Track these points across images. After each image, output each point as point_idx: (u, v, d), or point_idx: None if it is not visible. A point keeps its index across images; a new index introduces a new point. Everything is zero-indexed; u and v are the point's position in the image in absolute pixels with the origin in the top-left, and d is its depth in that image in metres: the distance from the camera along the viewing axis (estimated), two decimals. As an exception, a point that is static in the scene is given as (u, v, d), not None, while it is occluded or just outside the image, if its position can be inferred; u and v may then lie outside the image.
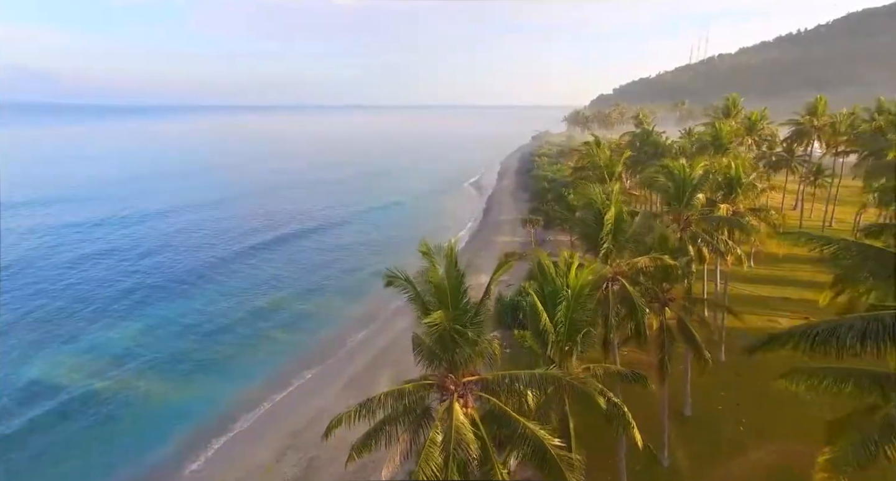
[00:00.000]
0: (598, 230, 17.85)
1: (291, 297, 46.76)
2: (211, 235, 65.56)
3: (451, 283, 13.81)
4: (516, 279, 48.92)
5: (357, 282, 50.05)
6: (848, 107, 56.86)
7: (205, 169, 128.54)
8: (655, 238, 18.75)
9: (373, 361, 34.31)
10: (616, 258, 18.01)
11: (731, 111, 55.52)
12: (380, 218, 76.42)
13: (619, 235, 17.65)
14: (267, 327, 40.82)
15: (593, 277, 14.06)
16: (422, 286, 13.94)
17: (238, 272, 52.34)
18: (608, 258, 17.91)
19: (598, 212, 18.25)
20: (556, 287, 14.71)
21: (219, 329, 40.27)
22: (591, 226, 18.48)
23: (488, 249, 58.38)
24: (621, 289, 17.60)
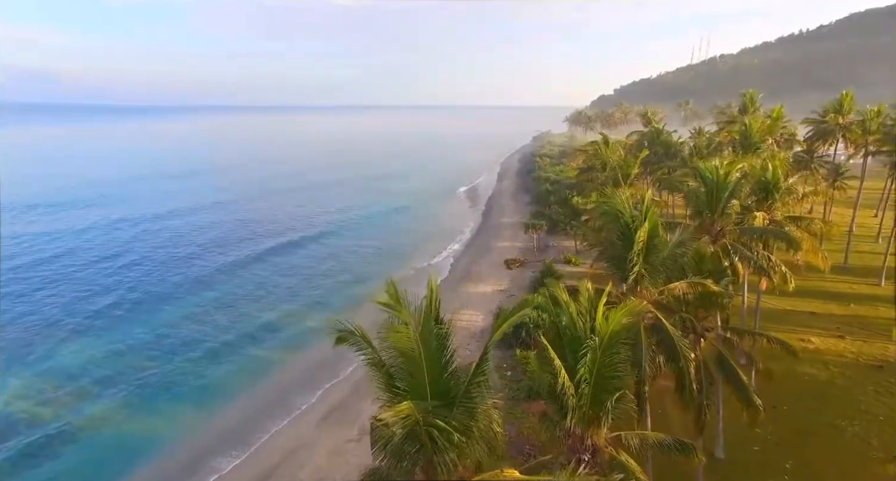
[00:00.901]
0: (626, 249, 14.27)
1: (280, 312, 43.08)
2: (200, 243, 61.55)
3: (429, 351, 9.86)
4: (518, 287, 45.42)
5: (351, 298, 46.36)
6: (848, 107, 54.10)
7: (201, 171, 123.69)
8: (689, 255, 15.20)
9: (356, 389, 30.73)
10: (648, 285, 14.44)
11: (748, 108, 51.97)
12: (376, 225, 72.11)
13: (652, 256, 14.11)
14: (250, 345, 37.26)
15: (629, 319, 10.37)
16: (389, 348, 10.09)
17: (219, 284, 48.58)
18: (638, 284, 14.38)
19: (625, 226, 14.63)
20: (577, 332, 11.01)
21: (194, 347, 36.75)
22: (616, 244, 14.88)
23: (488, 256, 54.87)
24: (655, 323, 14.09)
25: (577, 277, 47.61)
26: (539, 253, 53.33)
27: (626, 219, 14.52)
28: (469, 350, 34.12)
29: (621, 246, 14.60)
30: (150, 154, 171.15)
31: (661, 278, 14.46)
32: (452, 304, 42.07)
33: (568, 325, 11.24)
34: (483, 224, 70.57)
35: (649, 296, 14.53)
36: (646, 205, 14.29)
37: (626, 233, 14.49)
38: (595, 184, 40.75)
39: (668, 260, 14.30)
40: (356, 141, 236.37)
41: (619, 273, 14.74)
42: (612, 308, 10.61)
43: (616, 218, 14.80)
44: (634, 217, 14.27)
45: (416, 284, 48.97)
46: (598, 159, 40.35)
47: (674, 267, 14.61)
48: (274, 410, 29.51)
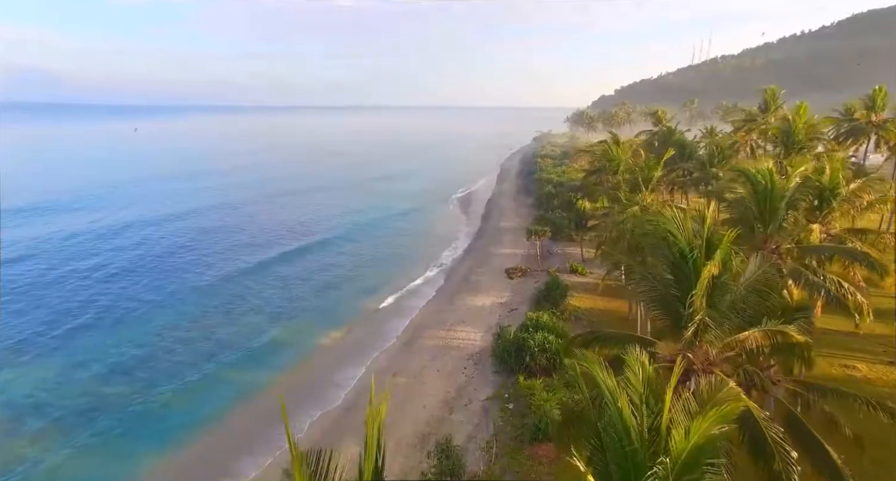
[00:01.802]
0: (681, 287, 10.39)
1: (261, 329, 39.08)
2: (183, 253, 57.17)
3: None
4: (520, 300, 41.55)
5: (338, 311, 42.38)
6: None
7: (198, 173, 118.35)
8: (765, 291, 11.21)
9: (336, 426, 26.84)
10: (713, 337, 10.46)
11: (770, 106, 48.20)
12: (372, 233, 67.22)
13: (718, 297, 10.24)
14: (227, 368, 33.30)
15: (723, 427, 6.37)
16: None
17: (190, 299, 44.49)
18: (699, 337, 10.45)
19: (679, 256, 10.74)
20: (629, 443, 6.75)
21: (162, 369, 32.88)
22: (664, 279, 10.91)
23: (488, 264, 51.02)
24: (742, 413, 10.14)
25: (584, 289, 43.86)
26: (542, 261, 49.51)
27: (681, 247, 10.47)
28: (465, 374, 30.35)
29: (672, 282, 10.71)
30: (147, 155, 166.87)
31: (727, 326, 10.56)
32: (448, 320, 38.32)
33: (614, 426, 7.17)
34: (482, 228, 66.76)
35: (712, 352, 10.61)
36: (707, 226, 10.35)
37: (680, 265, 10.51)
38: (604, 187, 37.02)
39: (739, 302, 10.46)
40: (356, 142, 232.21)
41: (669, 318, 10.86)
42: (680, 390, 6.75)
43: (664, 242, 10.79)
44: (694, 244, 10.23)
45: (413, 296, 45.36)
46: (609, 160, 36.58)
47: (745, 309, 10.69)
48: (254, 446, 25.52)
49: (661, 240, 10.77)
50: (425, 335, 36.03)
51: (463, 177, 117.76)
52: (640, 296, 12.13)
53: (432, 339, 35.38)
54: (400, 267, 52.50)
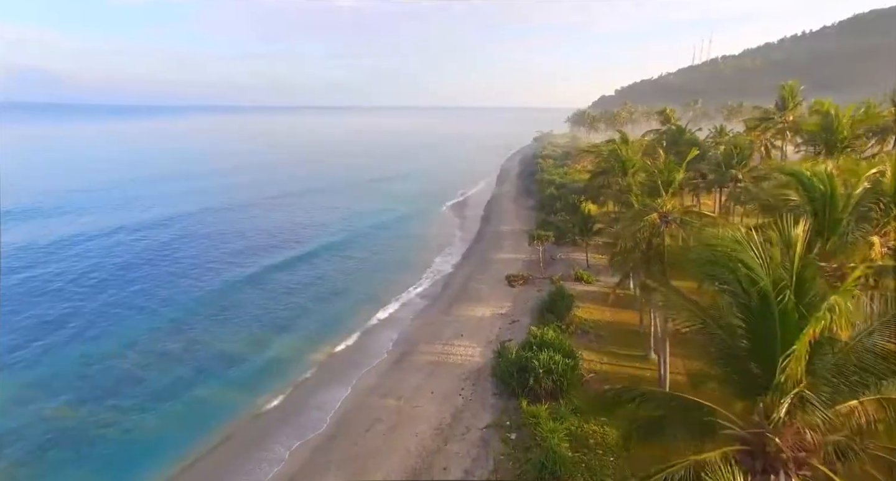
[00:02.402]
0: (757, 340, 7.30)
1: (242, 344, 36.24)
2: (159, 260, 54.21)
3: None
4: (521, 310, 38.74)
5: (325, 324, 39.53)
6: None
7: (196, 174, 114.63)
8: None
9: (319, 456, 24.00)
10: (812, 412, 7.42)
11: (787, 103, 45.35)
12: (366, 237, 64.09)
13: (819, 359, 7.15)
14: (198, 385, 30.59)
15: None
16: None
17: (171, 312, 41.49)
18: (792, 415, 7.45)
19: (759, 299, 7.55)
20: None
21: (127, 388, 30.10)
22: (733, 328, 7.67)
23: (487, 271, 48.22)
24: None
25: (590, 298, 40.99)
26: (545, 267, 46.73)
27: (762, 286, 7.30)
28: (462, 397, 27.54)
29: (743, 330, 7.61)
30: (145, 155, 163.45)
31: (827, 394, 7.53)
32: (444, 333, 35.50)
33: None
34: (481, 231, 63.96)
35: (809, 434, 7.57)
36: (798, 255, 7.16)
37: (758, 309, 7.38)
38: (613, 190, 34.28)
39: (850, 365, 7.45)
40: (356, 142, 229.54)
41: (736, 376, 7.89)
42: None
43: (733, 275, 7.66)
44: (781, 284, 6.98)
45: (408, 307, 42.25)
46: (619, 161, 33.81)
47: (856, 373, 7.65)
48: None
49: (729, 271, 7.76)
50: (419, 350, 33.22)
51: (462, 179, 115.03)
52: (719, 361, 8.57)
53: (427, 355, 32.59)
54: (394, 274, 49.68)
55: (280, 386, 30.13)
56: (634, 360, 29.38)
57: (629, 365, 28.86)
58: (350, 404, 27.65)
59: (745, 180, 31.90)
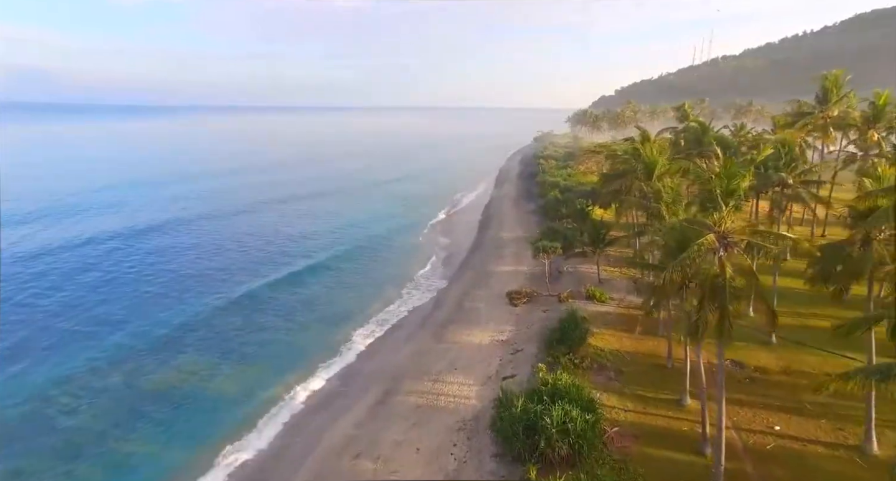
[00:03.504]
0: None
1: (200, 378, 30.87)
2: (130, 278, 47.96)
3: None
4: (525, 336, 33.29)
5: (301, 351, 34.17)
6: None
7: (191, 176, 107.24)
8: None
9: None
10: None
11: (830, 96, 39.82)
12: (357, 245, 58.16)
13: None
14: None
15: None
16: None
17: (122, 338, 36.14)
18: None
19: None
20: None
21: (45, 439, 24.74)
22: None
23: (486, 285, 42.84)
24: None
25: (605, 322, 35.44)
26: (551, 282, 41.30)
27: None
28: (455, 456, 22.16)
29: None
30: (142, 156, 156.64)
31: None
32: (435, 365, 30.13)
33: None
34: (479, 239, 58.53)
35: None
36: None
37: None
38: (635, 197, 28.95)
39: None
40: (355, 142, 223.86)
41: None
42: None
43: None
44: None
45: (396, 331, 36.38)
46: (642, 163, 28.36)
47: None
48: None
49: None
50: (404, 389, 27.83)
51: (459, 180, 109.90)
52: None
53: (413, 395, 27.21)
54: (382, 290, 44.32)
55: (234, 435, 24.74)
56: (666, 407, 23.99)
57: (660, 414, 23.47)
58: (312, 471, 22.17)
59: (795, 184, 26.61)
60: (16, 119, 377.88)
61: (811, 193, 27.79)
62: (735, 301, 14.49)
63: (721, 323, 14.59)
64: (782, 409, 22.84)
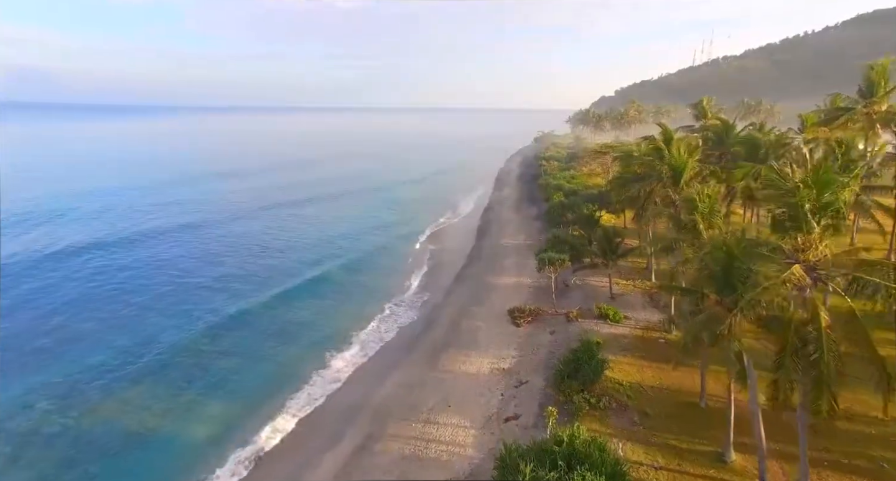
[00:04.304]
0: None
1: (152, 420, 26.56)
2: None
3: None
4: (530, 364, 28.85)
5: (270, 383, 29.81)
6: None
7: (183, 180, 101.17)
8: None
9: None
10: None
11: (877, 89, 35.23)
12: (345, 255, 53.50)
13: None
14: None
15: None
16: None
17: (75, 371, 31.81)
18: None
19: None
20: None
21: None
22: None
23: (485, 300, 38.52)
24: None
25: (622, 347, 31.11)
26: (558, 297, 36.95)
27: None
28: (447, 530, 17.73)
29: None
30: (139, 157, 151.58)
31: None
32: (426, 401, 25.84)
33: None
34: (477, 247, 54.18)
35: None
36: None
37: None
38: (659, 204, 24.73)
39: None
40: (355, 142, 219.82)
41: None
42: None
43: None
44: None
45: (381, 356, 31.57)
46: (669, 165, 24.00)
47: None
48: None
49: None
50: (388, 433, 23.50)
51: (457, 182, 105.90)
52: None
53: (399, 441, 22.89)
54: (366, 306, 39.89)
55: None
56: (706, 463, 19.67)
57: (699, 474, 19.16)
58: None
59: (859, 191, 22.37)
60: (21, 119, 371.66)
61: (875, 201, 23.62)
62: (838, 363, 10.24)
63: (818, 395, 10.35)
64: (854, 471, 18.51)
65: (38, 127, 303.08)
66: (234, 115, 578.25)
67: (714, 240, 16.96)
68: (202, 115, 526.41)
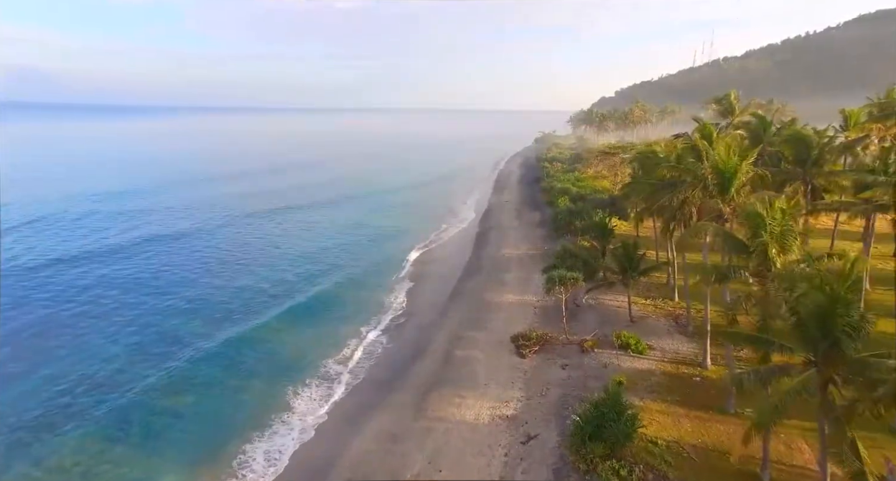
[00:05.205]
0: None
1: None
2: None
3: None
4: (540, 414, 23.47)
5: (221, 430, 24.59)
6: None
7: (173, 183, 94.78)
8: None
9: None
10: None
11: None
12: (333, 266, 48.30)
13: None
14: None
15: None
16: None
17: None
18: None
19: None
20: None
21: None
22: None
23: (483, 324, 33.31)
24: None
25: (651, 387, 24.75)
26: (569, 321, 31.71)
27: None
28: None
29: None
30: (136, 157, 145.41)
31: None
32: (410, 462, 20.69)
33: None
34: (476, 257, 48.92)
35: None
36: None
37: None
38: (705, 217, 19.63)
39: None
40: (355, 142, 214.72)
41: None
42: None
43: None
44: None
45: (355, 399, 26.56)
46: (714, 170, 18.83)
47: None
48: None
49: None
50: (359, 513, 18.29)
51: (455, 185, 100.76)
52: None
53: (373, 524, 17.68)
54: (344, 327, 34.65)
55: None
56: None
57: None
58: None
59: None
60: (21, 119, 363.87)
61: None
62: None
63: None
64: None
65: (38, 127, 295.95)
66: (233, 115, 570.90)
67: (807, 276, 11.91)
68: (202, 116, 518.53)
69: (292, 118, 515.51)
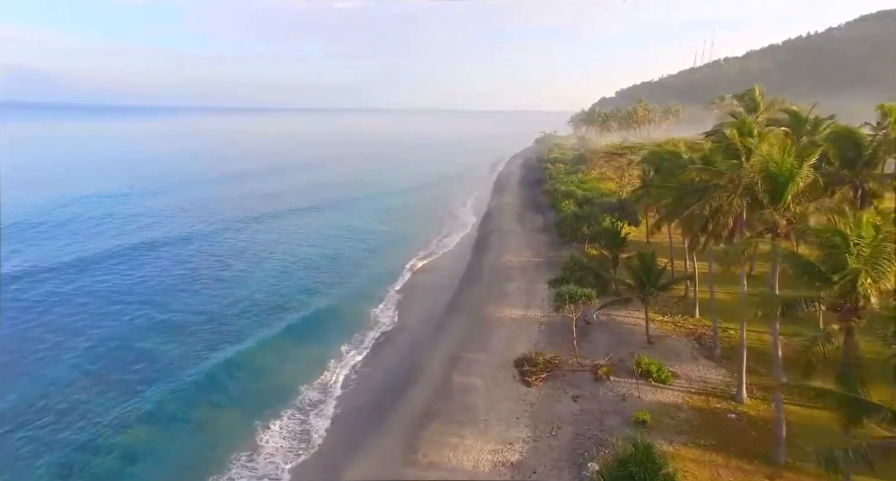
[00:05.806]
0: None
1: None
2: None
3: None
4: (549, 459, 20.25)
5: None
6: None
7: (168, 186, 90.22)
8: None
9: None
10: None
11: None
12: (323, 272, 45.10)
13: None
14: None
15: None
16: None
17: None
18: None
19: None
20: None
21: None
22: None
23: (483, 345, 29.76)
24: None
25: (677, 426, 19.40)
26: (579, 342, 28.18)
27: None
28: None
29: None
30: (133, 157, 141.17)
31: None
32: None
33: None
34: (474, 266, 45.30)
35: None
36: None
37: None
38: (755, 231, 16.20)
39: None
40: (354, 142, 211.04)
41: None
42: None
43: None
44: None
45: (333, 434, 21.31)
46: (763, 174, 15.26)
47: None
48: None
49: None
50: None
51: (454, 186, 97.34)
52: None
53: None
54: (325, 346, 31.08)
55: None
56: None
57: None
58: None
59: None
60: (21, 119, 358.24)
61: None
62: None
63: None
64: None
65: (38, 127, 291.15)
66: (233, 115, 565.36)
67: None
68: (201, 116, 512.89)
69: (292, 118, 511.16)
